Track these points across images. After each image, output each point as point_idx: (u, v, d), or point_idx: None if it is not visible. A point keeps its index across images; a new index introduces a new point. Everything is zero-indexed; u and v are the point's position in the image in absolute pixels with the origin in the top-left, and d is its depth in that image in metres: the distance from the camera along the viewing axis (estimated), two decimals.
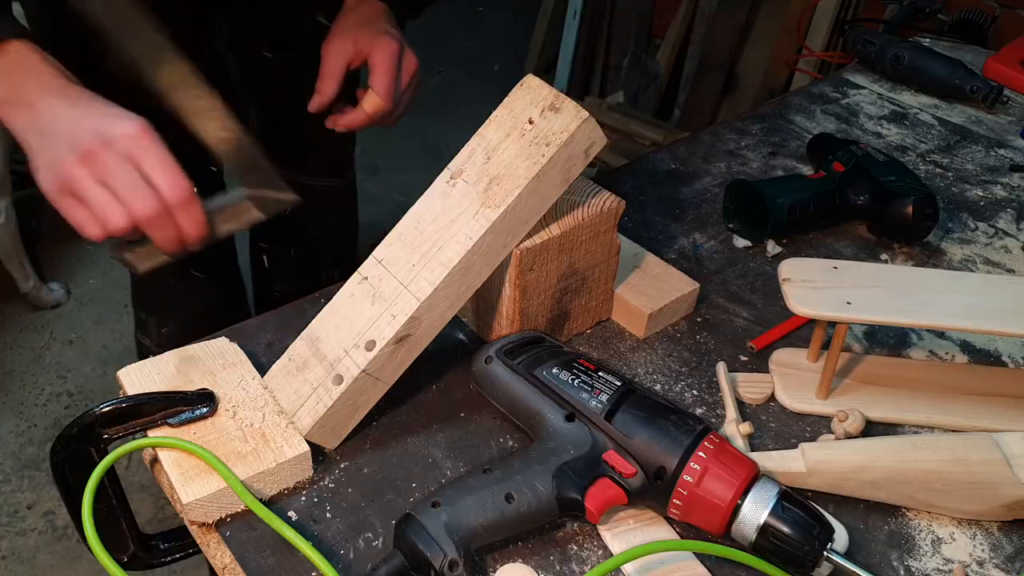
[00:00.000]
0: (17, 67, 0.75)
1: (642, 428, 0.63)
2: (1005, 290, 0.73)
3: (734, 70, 2.76)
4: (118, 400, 0.66)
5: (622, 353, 0.82)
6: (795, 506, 0.60)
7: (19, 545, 1.76)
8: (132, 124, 0.74)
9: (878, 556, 0.65)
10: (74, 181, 0.72)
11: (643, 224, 1.00)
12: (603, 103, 2.92)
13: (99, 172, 0.72)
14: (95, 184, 0.72)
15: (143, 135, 0.74)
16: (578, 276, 0.78)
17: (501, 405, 0.71)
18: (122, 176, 0.72)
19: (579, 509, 0.62)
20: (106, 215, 0.72)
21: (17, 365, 2.15)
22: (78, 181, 0.72)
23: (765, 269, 0.93)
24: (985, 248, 0.99)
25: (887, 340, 0.85)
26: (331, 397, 0.67)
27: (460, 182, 0.71)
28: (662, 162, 1.11)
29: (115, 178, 0.72)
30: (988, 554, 0.66)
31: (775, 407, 0.77)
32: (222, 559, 0.63)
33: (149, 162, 0.73)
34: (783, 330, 0.84)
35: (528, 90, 0.71)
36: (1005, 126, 1.24)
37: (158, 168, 0.73)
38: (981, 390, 0.78)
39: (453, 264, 0.67)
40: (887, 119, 1.24)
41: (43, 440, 1.96)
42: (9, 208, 2.13)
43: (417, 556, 0.58)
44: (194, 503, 0.62)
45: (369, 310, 0.69)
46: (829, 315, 0.71)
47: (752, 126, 1.20)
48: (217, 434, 0.66)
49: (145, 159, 0.73)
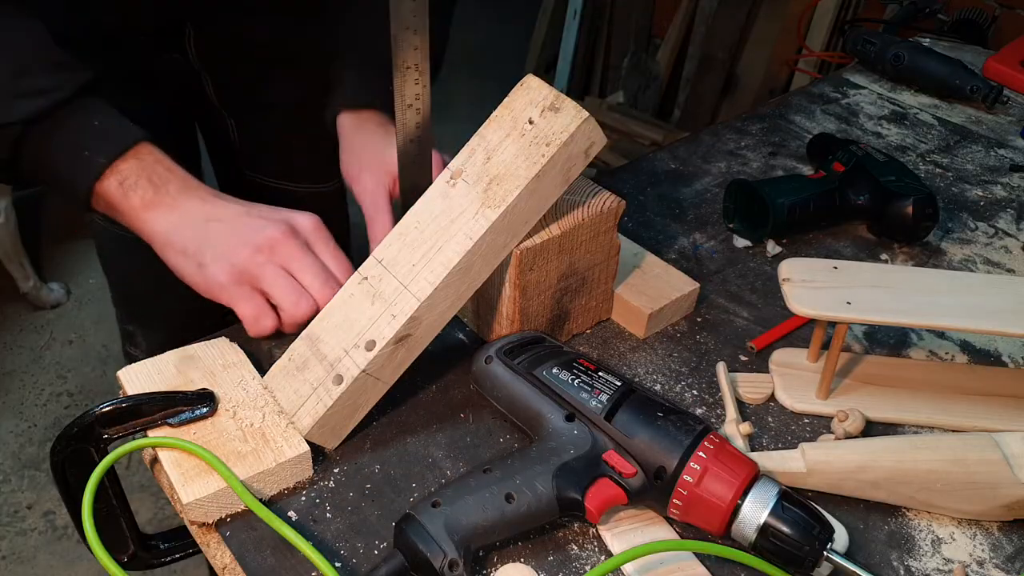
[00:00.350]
0: (156, 168, 0.74)
1: (642, 428, 0.63)
2: (1005, 290, 0.73)
3: (734, 70, 2.76)
4: (118, 400, 0.66)
5: (622, 353, 0.82)
6: (795, 506, 0.60)
7: (19, 545, 1.76)
8: (310, 216, 0.75)
9: (878, 556, 0.65)
10: (256, 268, 0.71)
11: (643, 224, 1.00)
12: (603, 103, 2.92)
13: (282, 260, 0.72)
14: (279, 272, 0.71)
15: (320, 227, 0.74)
16: (578, 276, 0.78)
17: (501, 405, 0.71)
18: (308, 265, 0.72)
19: (579, 509, 0.62)
20: (294, 302, 0.71)
21: (17, 365, 2.15)
22: (260, 267, 0.71)
23: (765, 269, 0.93)
24: (985, 248, 0.99)
25: (887, 340, 0.85)
26: (331, 397, 0.67)
27: (460, 182, 0.71)
28: (662, 162, 1.11)
29: (300, 266, 0.72)
30: (988, 554, 0.66)
31: (775, 407, 0.77)
32: (222, 559, 0.63)
33: (327, 254, 0.74)
34: (783, 330, 0.84)
35: (528, 90, 0.71)
36: (1005, 126, 1.24)
37: (335, 260, 0.74)
38: (981, 390, 0.78)
39: (453, 264, 0.67)
40: (887, 119, 1.24)
41: (43, 440, 1.96)
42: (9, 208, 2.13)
43: (417, 556, 0.58)
44: (194, 503, 0.62)
45: (369, 310, 0.69)
46: (829, 315, 0.71)
47: (752, 126, 1.20)
48: (217, 434, 0.66)
49: (323, 251, 0.74)
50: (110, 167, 0.73)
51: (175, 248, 0.73)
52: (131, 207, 0.73)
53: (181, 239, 0.73)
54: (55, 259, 2.42)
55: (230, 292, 0.72)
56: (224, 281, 0.71)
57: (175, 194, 0.74)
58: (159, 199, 0.73)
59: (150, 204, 0.73)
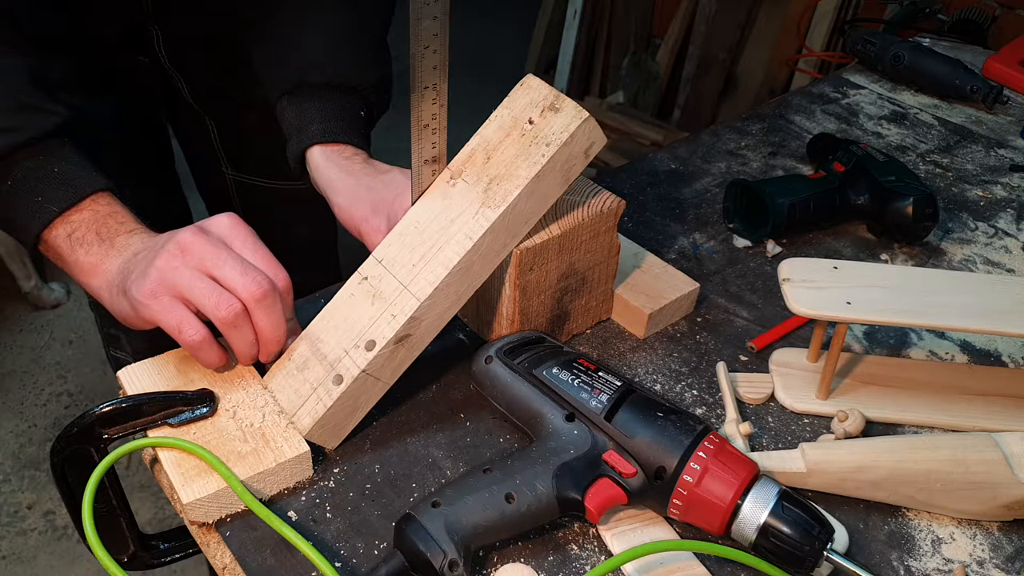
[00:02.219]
0: (107, 221, 0.72)
1: (642, 428, 0.63)
2: (1005, 290, 0.73)
3: (734, 70, 2.76)
4: (118, 400, 0.66)
5: (622, 353, 0.82)
6: (795, 506, 0.60)
7: (19, 545, 1.76)
8: (226, 215, 0.70)
9: (878, 556, 0.65)
10: (169, 274, 0.65)
11: (643, 224, 1.00)
12: (603, 103, 2.92)
13: (195, 261, 0.66)
14: (194, 273, 0.65)
15: (238, 224, 0.70)
16: (578, 276, 0.78)
17: (501, 405, 0.71)
18: (224, 260, 0.66)
19: (579, 509, 0.62)
20: (215, 303, 0.65)
21: (17, 365, 2.15)
22: (173, 272, 0.65)
23: (765, 269, 0.93)
24: (985, 248, 0.99)
25: (887, 340, 0.85)
26: (331, 397, 0.67)
27: (460, 182, 0.71)
28: (662, 162, 1.11)
29: (215, 263, 0.66)
30: (988, 554, 0.66)
31: (775, 407, 0.77)
32: (222, 559, 0.63)
33: (246, 248, 0.68)
34: (783, 330, 0.84)
35: (528, 90, 0.71)
36: (1005, 126, 1.23)
37: (255, 252, 0.68)
38: (981, 390, 0.78)
39: (453, 264, 0.67)
40: (887, 119, 1.24)
41: (43, 440, 1.96)
42: None
43: (417, 556, 0.58)
44: (194, 503, 0.62)
45: (369, 310, 0.69)
46: (829, 315, 0.71)
47: (752, 126, 1.20)
48: (217, 434, 0.66)
49: (242, 246, 0.68)
50: (60, 216, 0.71)
51: (112, 295, 0.70)
52: (76, 262, 0.72)
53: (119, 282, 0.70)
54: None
55: (151, 309, 0.66)
56: (144, 300, 0.66)
57: (120, 246, 0.71)
58: (104, 254, 0.71)
59: (95, 262, 0.71)
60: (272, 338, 0.68)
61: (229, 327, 0.66)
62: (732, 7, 2.67)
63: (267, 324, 0.67)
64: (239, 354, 0.69)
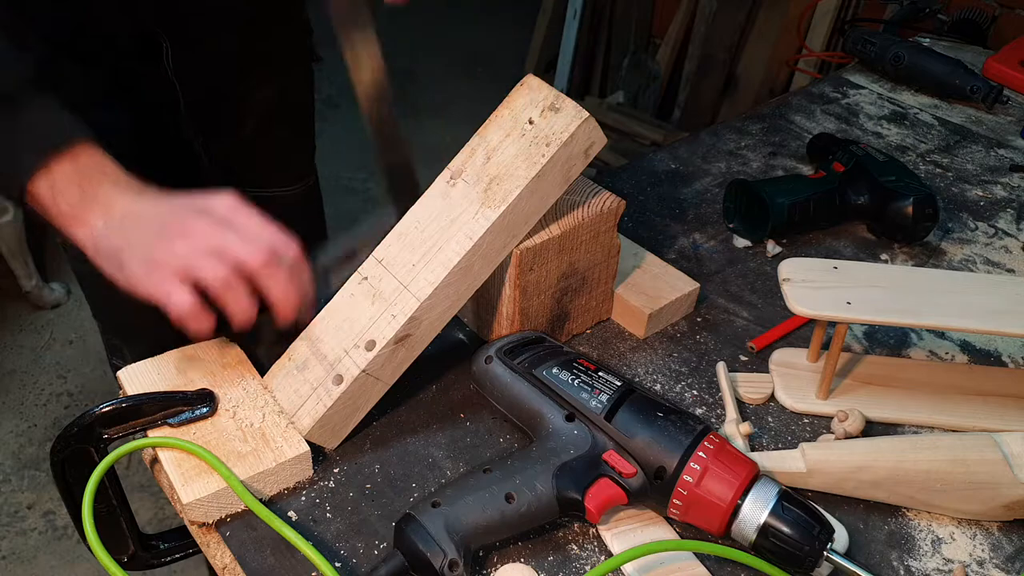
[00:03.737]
0: (90, 171, 0.71)
1: (642, 428, 0.63)
2: (1005, 290, 0.73)
3: (734, 70, 2.76)
4: (118, 400, 0.66)
5: (622, 353, 0.82)
6: (795, 506, 0.60)
7: (19, 545, 1.76)
8: (226, 195, 0.70)
9: (878, 556, 0.65)
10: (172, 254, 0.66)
11: (643, 224, 1.00)
12: (603, 103, 2.92)
13: (200, 241, 0.66)
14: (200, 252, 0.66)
15: (240, 204, 0.69)
16: (578, 276, 0.78)
17: (501, 405, 0.71)
18: (226, 237, 0.66)
19: (579, 509, 0.62)
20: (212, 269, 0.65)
21: (17, 365, 2.15)
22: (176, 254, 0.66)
23: (765, 269, 0.93)
24: (985, 248, 0.99)
25: (887, 340, 0.85)
26: (331, 397, 0.67)
27: (460, 182, 0.71)
28: (662, 162, 1.11)
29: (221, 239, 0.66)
30: (988, 554, 0.66)
31: (775, 407, 0.77)
32: (222, 559, 0.63)
33: (251, 224, 0.68)
34: (783, 330, 0.84)
35: (528, 90, 0.71)
36: (1005, 126, 1.23)
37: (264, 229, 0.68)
38: (981, 390, 0.78)
39: (453, 264, 0.67)
40: (887, 119, 1.24)
41: (43, 440, 1.96)
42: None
43: (417, 556, 0.58)
44: (194, 503, 0.62)
45: (369, 310, 0.69)
46: (829, 315, 0.71)
47: (752, 126, 1.20)
48: (217, 434, 0.66)
49: (247, 225, 0.68)
50: (42, 168, 0.70)
51: (101, 255, 0.70)
52: (60, 213, 0.70)
53: (106, 244, 0.69)
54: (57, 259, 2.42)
55: (145, 284, 0.66)
56: (141, 275, 0.66)
57: (103, 199, 0.70)
58: (86, 206, 0.70)
59: (78, 212, 0.70)
60: (282, 298, 0.67)
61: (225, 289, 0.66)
62: (732, 7, 2.67)
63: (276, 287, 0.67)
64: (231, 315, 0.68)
